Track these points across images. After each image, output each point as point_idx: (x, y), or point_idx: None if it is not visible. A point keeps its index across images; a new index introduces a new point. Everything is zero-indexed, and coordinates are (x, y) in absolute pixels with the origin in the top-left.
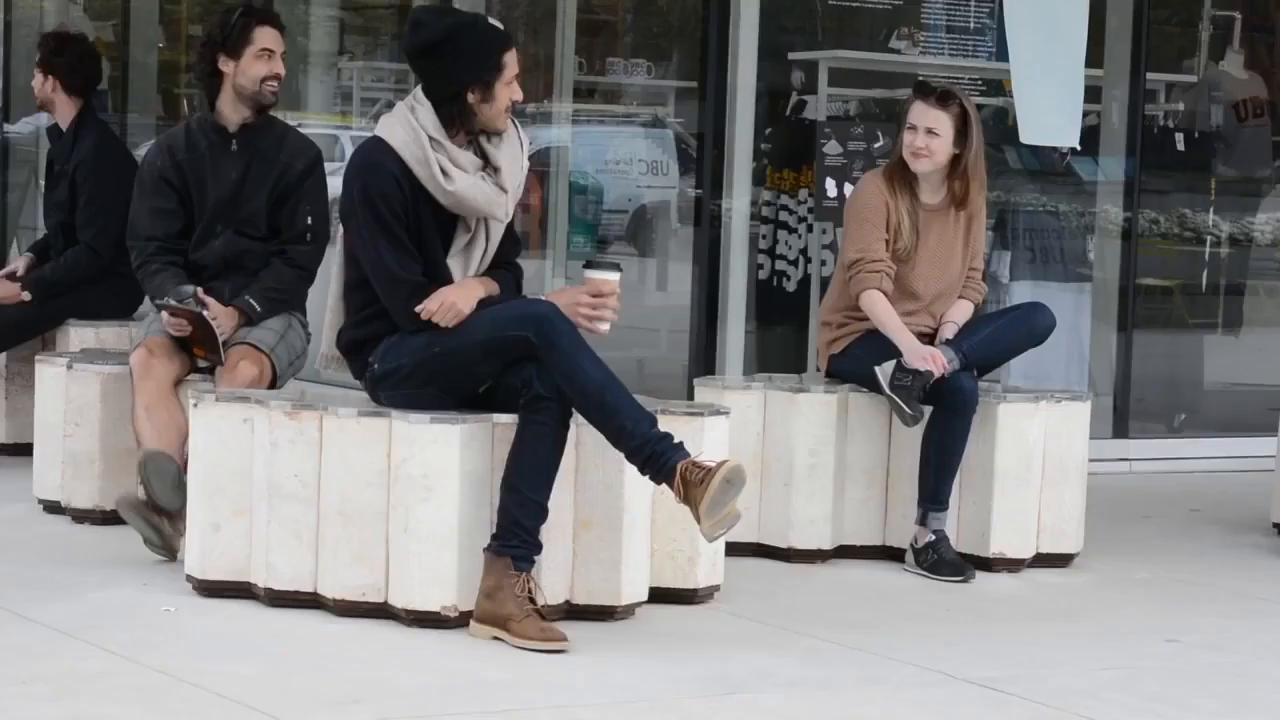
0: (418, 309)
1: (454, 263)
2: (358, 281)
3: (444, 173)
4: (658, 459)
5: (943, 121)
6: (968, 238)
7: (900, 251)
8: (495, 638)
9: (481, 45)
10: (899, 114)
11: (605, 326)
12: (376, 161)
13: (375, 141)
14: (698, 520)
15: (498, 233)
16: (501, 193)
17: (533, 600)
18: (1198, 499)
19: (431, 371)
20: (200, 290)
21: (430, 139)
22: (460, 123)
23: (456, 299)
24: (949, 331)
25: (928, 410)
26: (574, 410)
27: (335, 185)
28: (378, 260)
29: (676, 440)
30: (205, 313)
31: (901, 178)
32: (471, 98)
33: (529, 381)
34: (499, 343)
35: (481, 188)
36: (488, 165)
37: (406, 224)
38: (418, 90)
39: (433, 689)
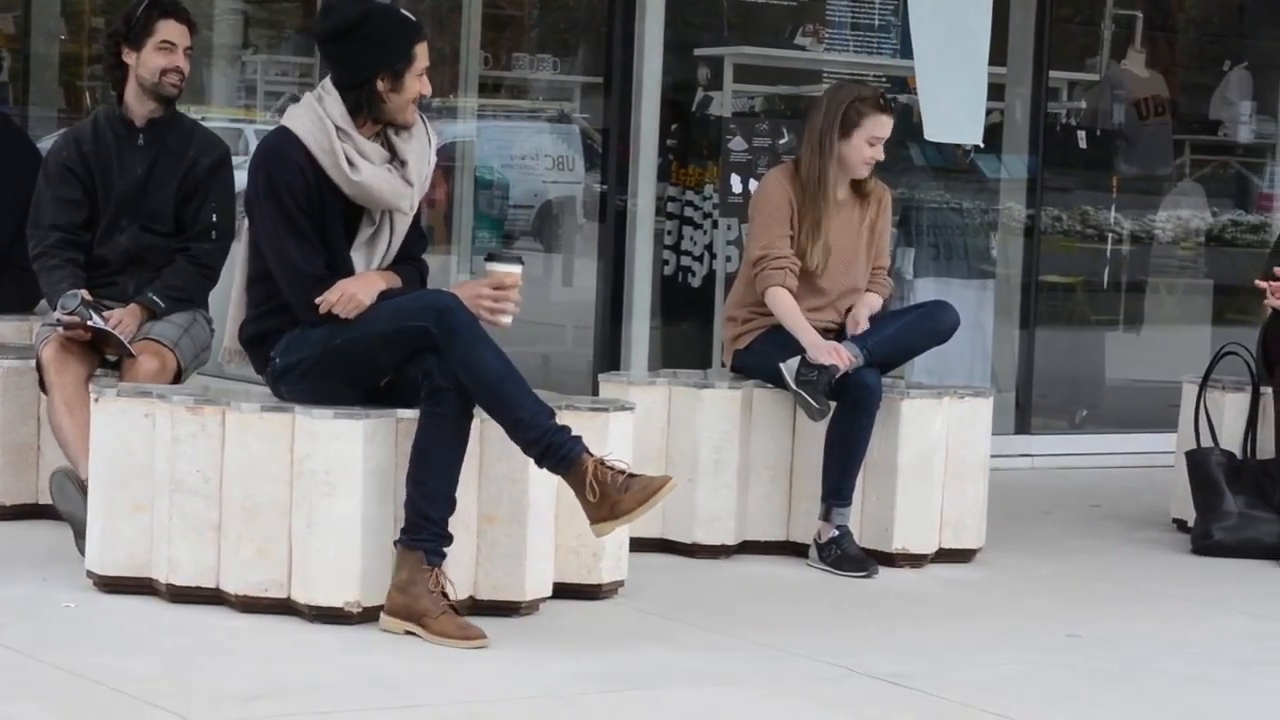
0: (317, 300)
1: (357, 255)
2: (261, 274)
3: (349, 162)
4: (557, 450)
5: (892, 130)
6: (873, 234)
7: (805, 249)
8: (409, 632)
9: (393, 32)
10: (841, 118)
11: (507, 319)
12: (282, 151)
13: (281, 131)
14: (603, 519)
15: (402, 226)
16: (407, 186)
17: (446, 595)
18: (1098, 494)
19: (333, 364)
20: (86, 293)
21: (337, 128)
22: (368, 111)
23: (356, 290)
24: (859, 323)
25: (831, 403)
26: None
27: (241, 178)
28: (281, 252)
29: (575, 433)
30: (92, 320)
31: (808, 175)
32: (381, 85)
33: (429, 373)
34: (399, 333)
35: (387, 179)
36: (395, 158)
37: (311, 215)
38: (326, 80)
39: (335, 685)
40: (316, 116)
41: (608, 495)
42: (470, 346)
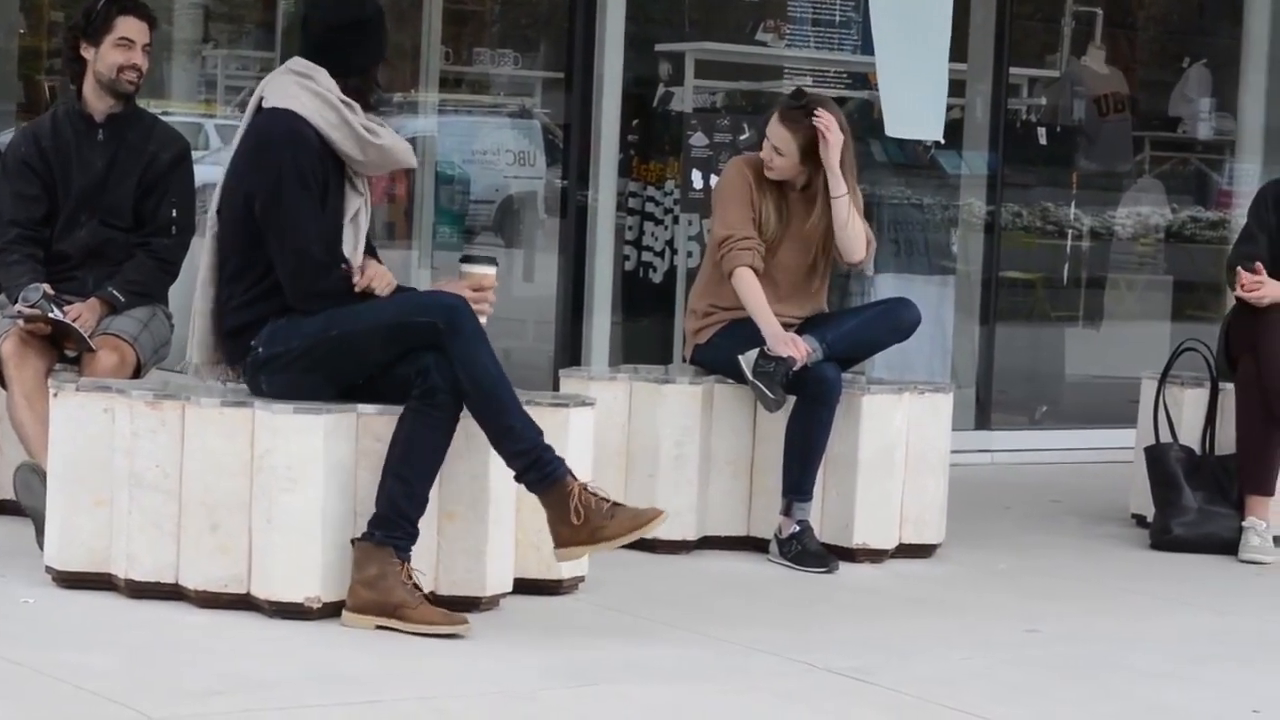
0: (355, 281)
1: (348, 230)
2: (243, 268)
3: (367, 130)
4: (544, 465)
5: (786, 141)
6: (824, 227)
7: (765, 237)
8: (381, 626)
9: (385, 25)
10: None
11: (483, 320)
12: (302, 134)
13: (286, 115)
14: (580, 542)
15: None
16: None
17: (418, 587)
18: (1058, 490)
19: (323, 355)
20: (49, 287)
21: (342, 102)
22: (363, 96)
23: (384, 270)
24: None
25: (791, 398)
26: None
27: (201, 173)
28: (301, 236)
29: (559, 454)
30: (54, 314)
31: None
32: (380, 75)
33: (425, 371)
34: (403, 328)
35: (399, 140)
36: None
37: (320, 197)
38: (299, 63)
39: (296, 680)
40: (315, 95)
41: (591, 520)
42: (474, 347)
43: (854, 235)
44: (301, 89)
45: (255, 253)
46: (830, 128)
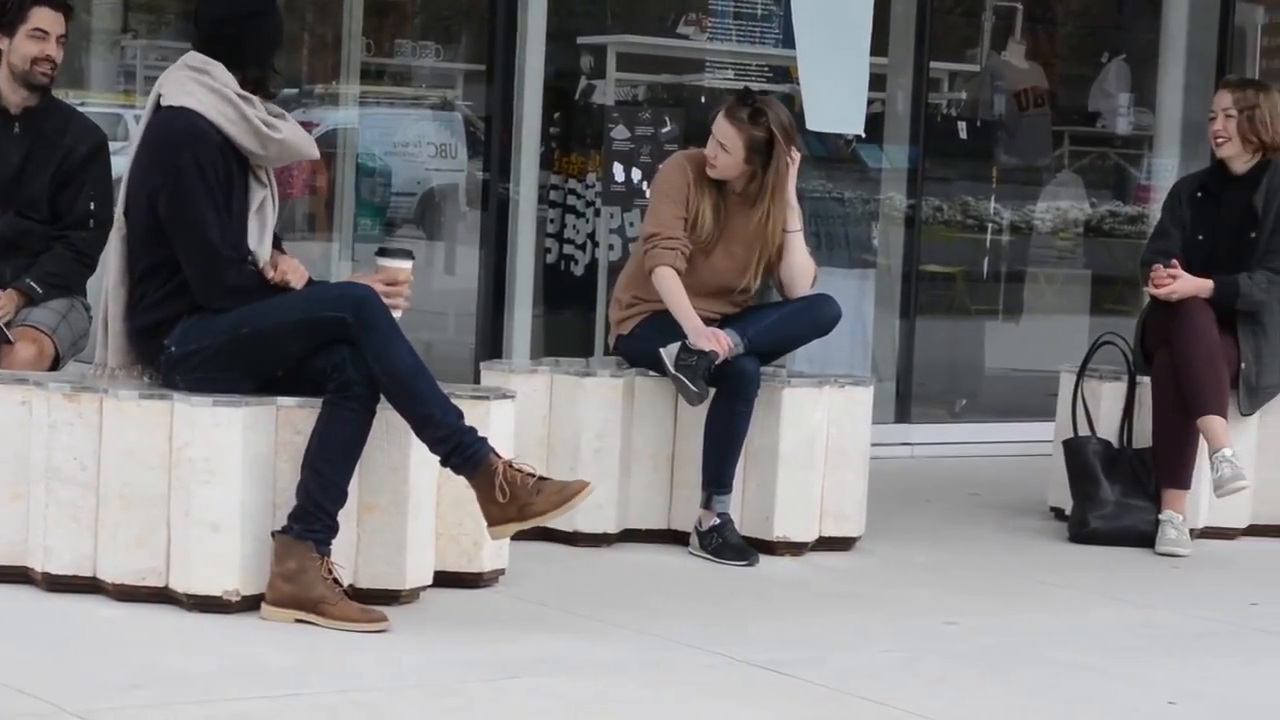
0: (269, 276)
1: (253, 222)
2: (153, 267)
3: (266, 124)
4: (466, 449)
5: (732, 138)
6: (765, 231)
7: (699, 237)
8: (300, 620)
9: (279, 12)
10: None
11: (397, 314)
12: (203, 131)
13: (185, 113)
14: (509, 519)
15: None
16: (307, 133)
17: (338, 582)
18: (977, 483)
19: (237, 352)
20: None
21: (240, 96)
22: (263, 85)
23: (296, 264)
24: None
25: (713, 390)
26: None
27: (119, 165)
28: (202, 235)
29: (481, 434)
30: None
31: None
32: (277, 61)
33: (340, 365)
34: (314, 323)
35: (299, 131)
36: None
37: (223, 193)
38: (195, 58)
39: (215, 674)
40: (212, 90)
41: (518, 497)
42: (387, 340)
43: (804, 272)
44: (198, 85)
45: (165, 251)
46: (797, 159)
